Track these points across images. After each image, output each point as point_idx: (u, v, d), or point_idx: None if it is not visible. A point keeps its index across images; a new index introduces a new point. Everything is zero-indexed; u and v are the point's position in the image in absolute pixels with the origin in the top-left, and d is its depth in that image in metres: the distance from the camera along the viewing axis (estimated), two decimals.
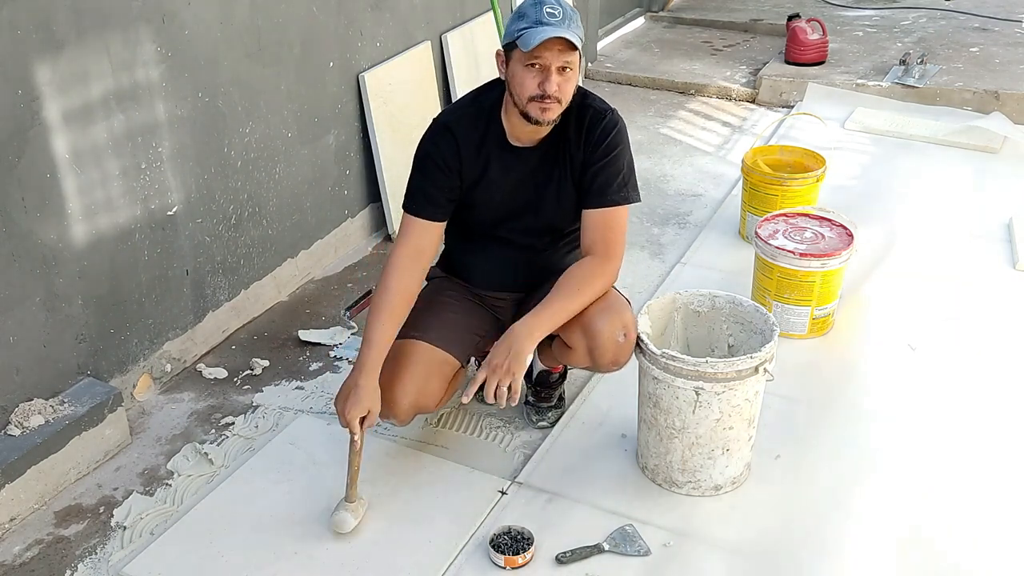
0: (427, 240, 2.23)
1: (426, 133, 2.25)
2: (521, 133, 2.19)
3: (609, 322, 2.16)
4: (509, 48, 2.08)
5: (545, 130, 2.17)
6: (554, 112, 2.09)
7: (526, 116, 2.10)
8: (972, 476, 2.35)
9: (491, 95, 2.22)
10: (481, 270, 2.41)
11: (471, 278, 2.43)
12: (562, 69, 2.04)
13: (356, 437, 2.13)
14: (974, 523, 2.20)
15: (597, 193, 2.19)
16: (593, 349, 2.19)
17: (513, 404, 2.13)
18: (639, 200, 2.26)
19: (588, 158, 2.19)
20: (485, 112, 2.21)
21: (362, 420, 2.12)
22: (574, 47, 2.02)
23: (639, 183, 2.30)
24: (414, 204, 2.22)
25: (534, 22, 2.01)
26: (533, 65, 2.04)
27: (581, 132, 2.18)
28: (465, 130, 2.21)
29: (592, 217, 2.21)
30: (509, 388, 2.08)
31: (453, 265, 2.48)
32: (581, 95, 2.22)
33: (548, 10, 2.01)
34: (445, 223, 2.27)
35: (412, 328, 2.30)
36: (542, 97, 2.05)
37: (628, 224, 3.75)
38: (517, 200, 2.26)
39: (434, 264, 2.54)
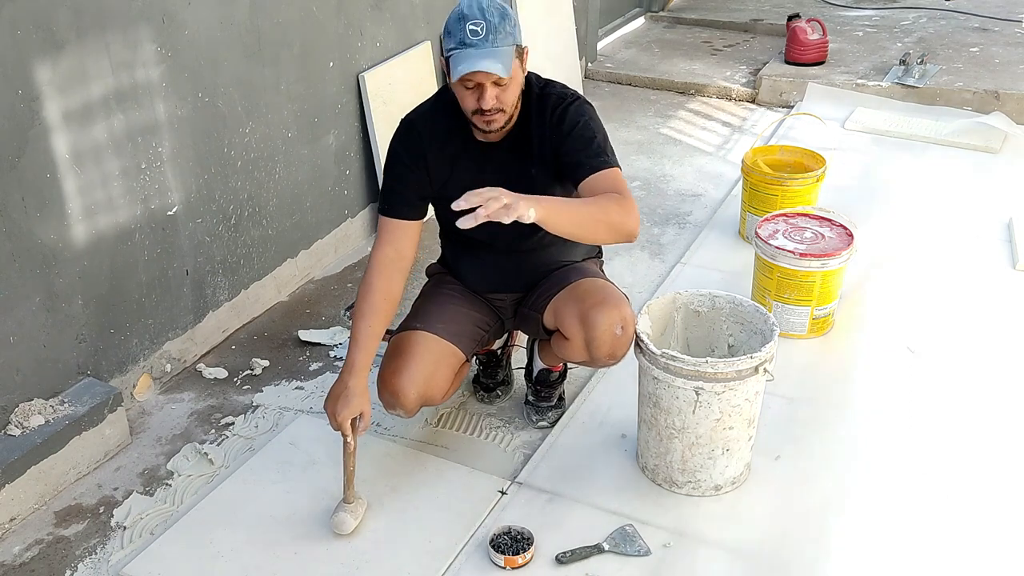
0: (405, 241, 2.22)
1: (395, 133, 2.25)
2: (484, 131, 2.17)
3: (607, 315, 2.16)
4: (446, 61, 2.05)
5: (508, 125, 2.16)
6: (499, 122, 2.09)
7: (474, 126, 2.12)
8: (972, 476, 2.34)
9: (452, 93, 2.18)
10: (472, 274, 2.41)
11: (465, 282, 2.43)
12: (498, 82, 2.02)
13: (349, 439, 2.12)
14: (974, 523, 2.20)
15: (577, 165, 2.11)
16: (590, 341, 2.19)
17: (505, 218, 1.85)
18: (619, 166, 2.16)
19: (557, 141, 2.15)
20: (449, 109, 2.19)
21: (354, 422, 2.11)
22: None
23: (638, 183, 2.30)
24: (387, 205, 2.23)
25: (459, 43, 1.98)
26: (468, 84, 2.02)
27: (544, 119, 2.17)
28: (429, 126, 2.21)
29: (587, 184, 2.10)
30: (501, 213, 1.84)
31: (448, 266, 2.48)
32: (543, 85, 2.21)
33: (471, 27, 1.97)
34: (421, 221, 2.27)
35: (417, 320, 2.30)
36: (482, 111, 2.05)
37: None
38: None
39: (433, 262, 2.55)
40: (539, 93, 2.19)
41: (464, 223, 1.81)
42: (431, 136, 2.21)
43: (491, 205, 1.81)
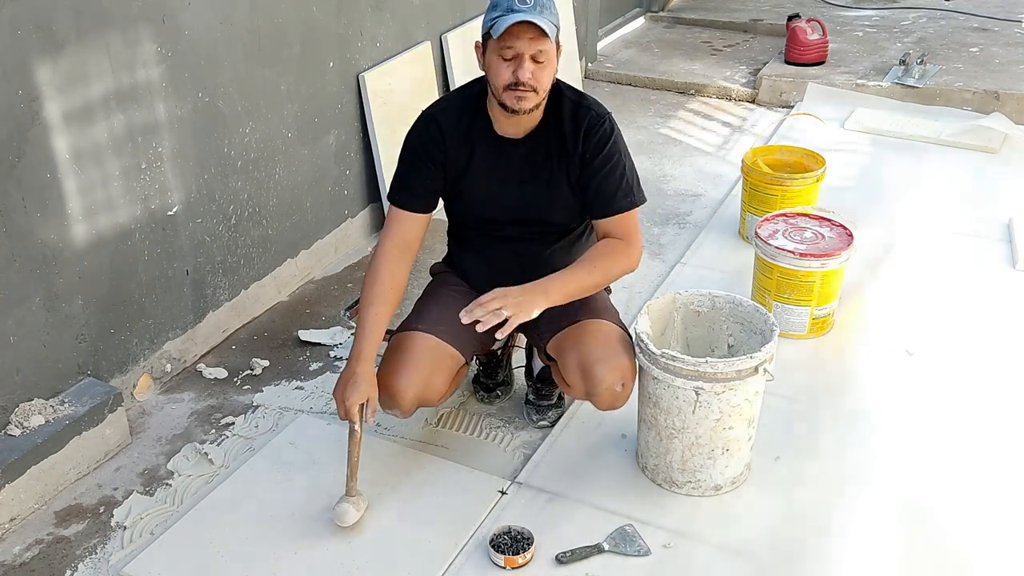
0: (413, 232, 2.24)
1: (413, 126, 2.26)
2: (507, 125, 2.19)
3: (609, 372, 2.17)
4: (486, 39, 2.09)
5: (531, 121, 2.17)
6: (530, 101, 2.09)
7: (503, 106, 2.11)
8: (971, 476, 2.35)
9: (477, 86, 2.22)
10: (477, 273, 2.41)
11: (468, 279, 2.43)
12: (536, 57, 2.04)
13: (356, 426, 2.13)
14: (973, 523, 2.20)
15: (604, 204, 2.21)
16: (591, 394, 2.22)
17: (497, 336, 2.07)
18: (645, 200, 2.26)
19: (587, 165, 2.19)
20: (472, 103, 2.22)
21: (361, 409, 2.12)
22: (546, 35, 2.02)
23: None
24: (399, 196, 2.24)
25: (506, 10, 2.01)
26: (507, 54, 2.04)
27: (578, 134, 2.18)
28: (451, 120, 2.21)
29: (603, 225, 2.23)
30: (501, 324, 2.04)
31: (454, 266, 2.48)
32: (577, 94, 2.22)
33: None
34: (431, 214, 2.28)
35: (418, 321, 2.30)
36: (516, 85, 2.05)
37: None
38: (503, 192, 2.24)
39: (438, 262, 2.54)
40: (575, 101, 2.20)
41: (463, 317, 2.05)
42: (452, 127, 2.21)
43: (489, 320, 2.03)
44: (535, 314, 2.07)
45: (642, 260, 3.40)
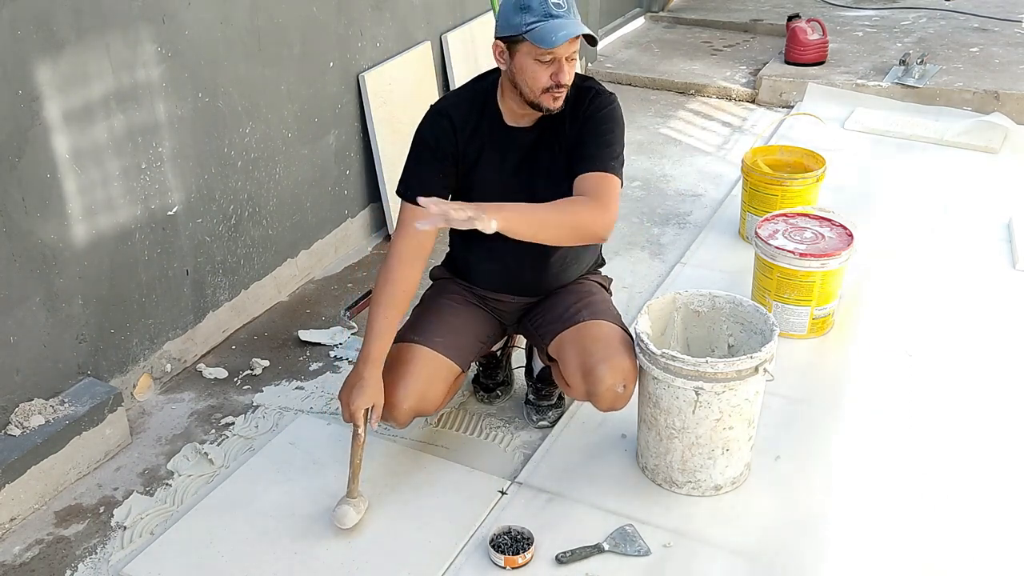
0: (428, 232, 2.22)
1: (423, 120, 2.24)
2: (519, 115, 2.19)
3: (611, 372, 2.17)
4: (513, 41, 2.06)
5: None
6: (562, 99, 2.11)
7: (535, 105, 2.10)
8: (971, 476, 2.34)
9: (487, 81, 2.23)
10: (482, 272, 2.40)
11: (472, 277, 2.43)
12: (570, 57, 2.06)
13: (360, 430, 2.13)
14: (973, 523, 2.20)
15: (589, 159, 2.13)
16: (592, 395, 2.21)
17: (437, 224, 1.92)
18: (622, 181, 2.18)
19: (581, 129, 2.17)
20: (482, 96, 2.22)
21: (366, 413, 2.12)
22: (580, 36, 2.03)
23: (638, 183, 2.29)
24: (411, 192, 2.21)
25: (543, 15, 2.00)
26: (546, 57, 2.03)
27: (579, 108, 2.18)
28: (462, 114, 2.21)
29: (583, 180, 2.11)
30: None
31: (456, 265, 2.47)
32: (582, 78, 2.22)
33: (554, 1, 2.01)
34: None
35: (414, 332, 2.29)
36: (558, 86, 2.06)
37: (628, 224, 3.76)
38: (512, 183, 2.23)
39: (438, 264, 2.54)
40: (578, 85, 2.20)
41: (421, 225, 1.92)
42: (463, 121, 2.20)
43: (451, 214, 1.87)
44: (492, 227, 1.90)
45: (642, 260, 3.45)
